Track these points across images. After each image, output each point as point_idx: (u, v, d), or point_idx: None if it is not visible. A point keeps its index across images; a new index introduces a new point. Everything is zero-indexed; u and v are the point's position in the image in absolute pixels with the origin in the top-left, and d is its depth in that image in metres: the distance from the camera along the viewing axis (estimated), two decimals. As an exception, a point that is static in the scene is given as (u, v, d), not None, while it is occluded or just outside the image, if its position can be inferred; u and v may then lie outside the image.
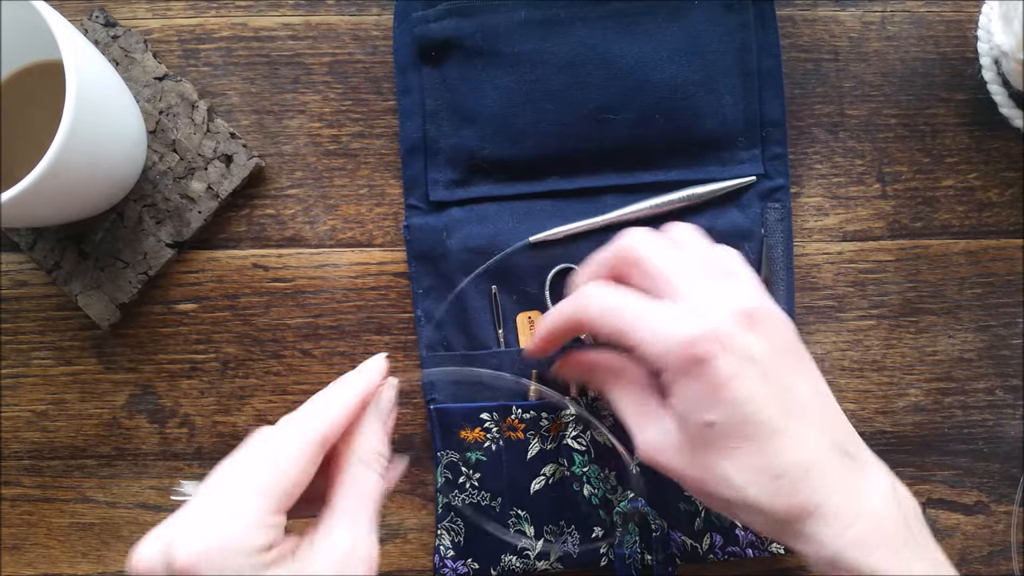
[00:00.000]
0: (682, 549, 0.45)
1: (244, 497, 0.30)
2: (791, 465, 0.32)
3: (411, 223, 0.48)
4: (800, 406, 0.34)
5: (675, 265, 0.35)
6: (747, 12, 0.47)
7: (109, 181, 0.44)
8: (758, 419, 0.33)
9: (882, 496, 0.33)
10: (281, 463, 0.31)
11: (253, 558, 0.29)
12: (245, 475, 0.31)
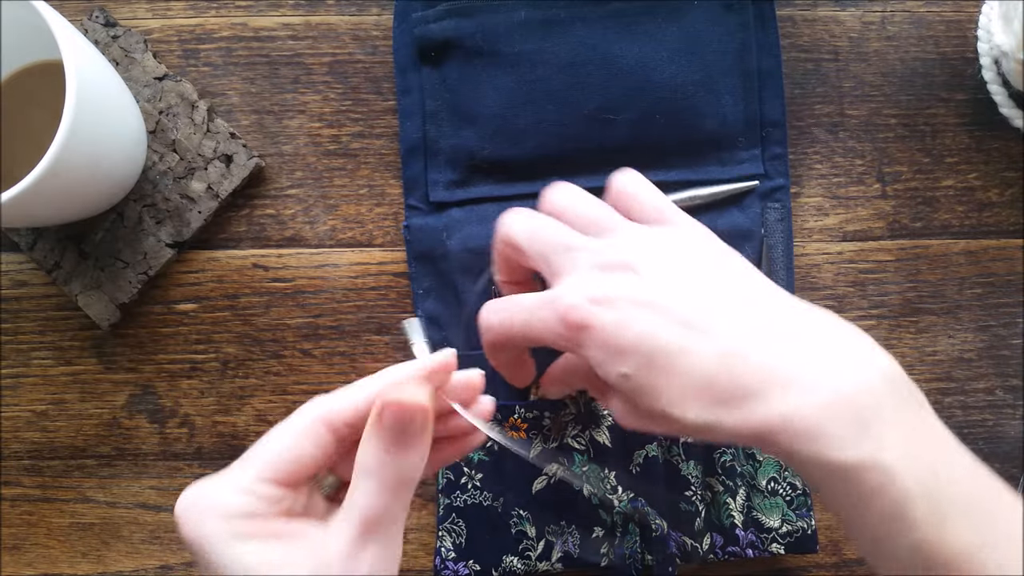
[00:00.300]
0: (682, 549, 0.45)
1: (236, 464, 0.31)
2: (713, 368, 0.31)
3: (411, 223, 0.48)
4: (700, 312, 0.32)
5: (544, 245, 0.36)
6: (747, 12, 0.47)
7: (109, 181, 0.44)
8: (661, 349, 0.32)
9: (836, 366, 0.31)
10: (274, 434, 0.31)
11: (229, 523, 0.29)
12: (255, 447, 0.31)
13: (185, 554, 0.48)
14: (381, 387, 0.32)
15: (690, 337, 0.32)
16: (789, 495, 0.46)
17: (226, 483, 0.30)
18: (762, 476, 0.46)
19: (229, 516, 0.29)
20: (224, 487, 0.30)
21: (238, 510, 0.29)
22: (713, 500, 0.45)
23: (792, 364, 0.31)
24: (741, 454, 0.46)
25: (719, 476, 0.46)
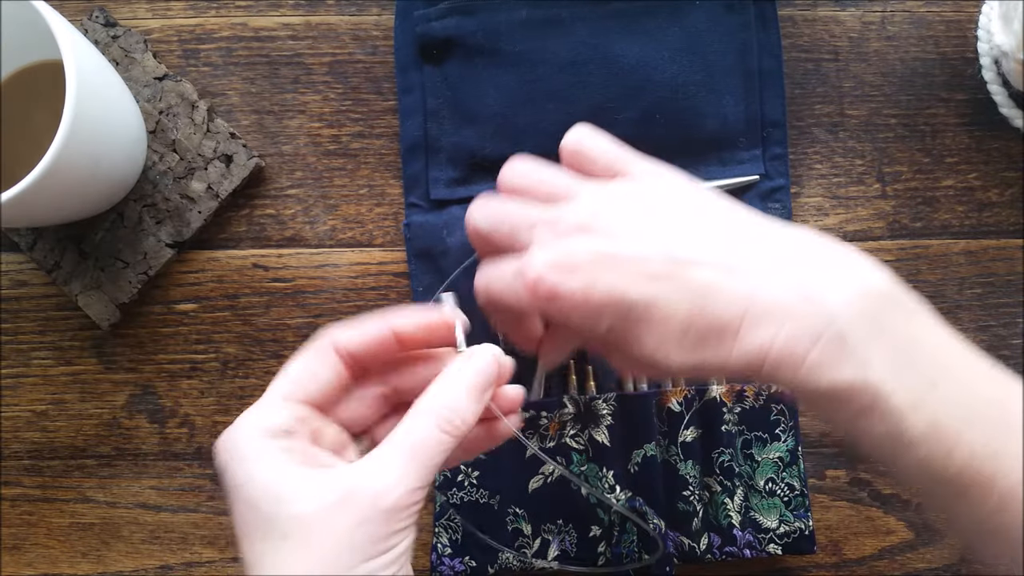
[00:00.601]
0: (680, 549, 0.45)
1: (271, 385, 0.32)
2: (685, 312, 0.31)
3: (411, 221, 0.48)
4: (665, 258, 0.32)
5: (507, 227, 0.35)
6: (748, 12, 0.47)
7: (109, 181, 0.44)
8: (632, 303, 0.31)
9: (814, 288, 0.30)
10: (291, 362, 0.33)
11: (255, 442, 0.30)
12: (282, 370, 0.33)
13: (185, 554, 0.48)
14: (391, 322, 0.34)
15: (658, 285, 0.31)
16: (787, 495, 0.46)
17: (256, 408, 0.31)
18: (760, 476, 0.46)
19: (263, 432, 0.30)
20: (254, 411, 0.31)
21: (271, 426, 0.30)
22: (711, 500, 0.45)
23: (768, 292, 0.30)
24: (740, 455, 0.46)
25: (717, 476, 0.46)
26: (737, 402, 0.46)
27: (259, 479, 0.29)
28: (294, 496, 0.28)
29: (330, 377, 0.32)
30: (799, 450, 0.46)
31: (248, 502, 0.29)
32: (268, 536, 0.28)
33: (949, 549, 0.47)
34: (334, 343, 0.33)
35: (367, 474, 0.29)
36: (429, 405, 0.31)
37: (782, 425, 0.46)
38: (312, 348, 0.33)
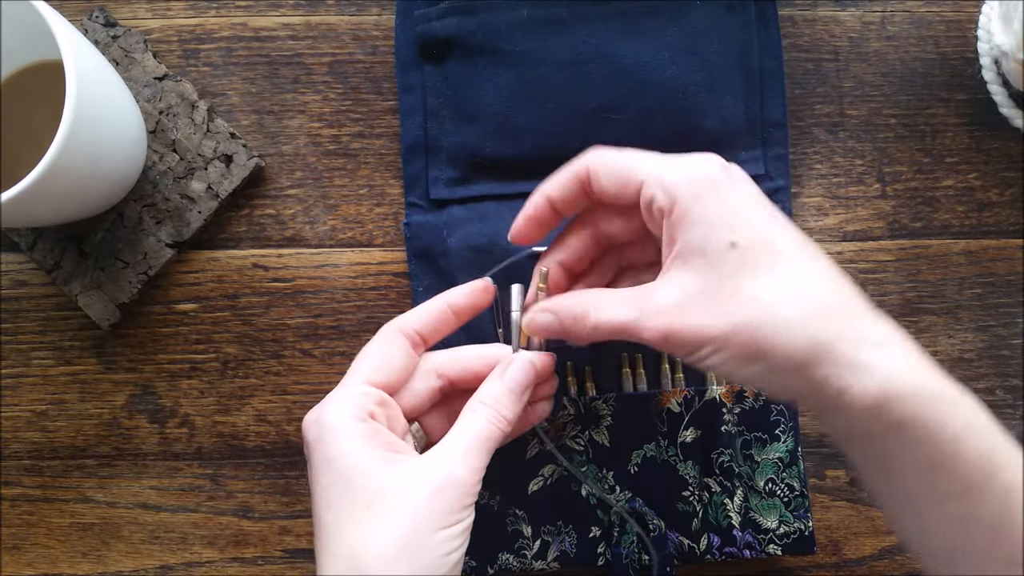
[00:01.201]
0: (679, 549, 0.45)
1: (351, 370, 0.37)
2: (820, 285, 0.32)
3: (411, 221, 0.48)
4: (796, 241, 0.33)
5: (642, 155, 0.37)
6: (749, 13, 0.47)
7: (109, 181, 0.44)
8: (786, 241, 0.32)
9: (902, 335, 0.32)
10: (364, 351, 0.38)
11: (344, 421, 0.34)
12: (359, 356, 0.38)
13: (185, 554, 0.48)
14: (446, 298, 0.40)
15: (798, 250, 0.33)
16: (787, 496, 0.46)
17: (342, 391, 0.35)
18: (760, 477, 0.46)
19: (351, 415, 0.34)
20: (342, 394, 0.35)
21: (357, 410, 0.34)
22: (711, 500, 0.45)
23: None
24: (739, 455, 0.46)
25: (717, 476, 0.46)
26: (737, 402, 0.46)
27: (349, 456, 0.33)
28: (380, 472, 0.33)
29: (402, 361, 0.38)
30: (799, 450, 0.46)
31: (338, 475, 0.33)
32: (354, 506, 0.32)
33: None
34: (400, 328, 0.38)
35: (440, 456, 0.34)
36: (481, 404, 0.37)
37: (782, 425, 0.46)
38: (382, 335, 0.37)
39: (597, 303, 0.35)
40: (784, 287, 0.31)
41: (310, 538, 0.48)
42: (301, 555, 0.48)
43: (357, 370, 0.37)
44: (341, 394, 0.35)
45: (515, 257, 0.44)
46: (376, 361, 0.37)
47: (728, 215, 0.33)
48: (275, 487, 0.48)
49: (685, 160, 0.35)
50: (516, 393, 0.37)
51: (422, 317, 0.39)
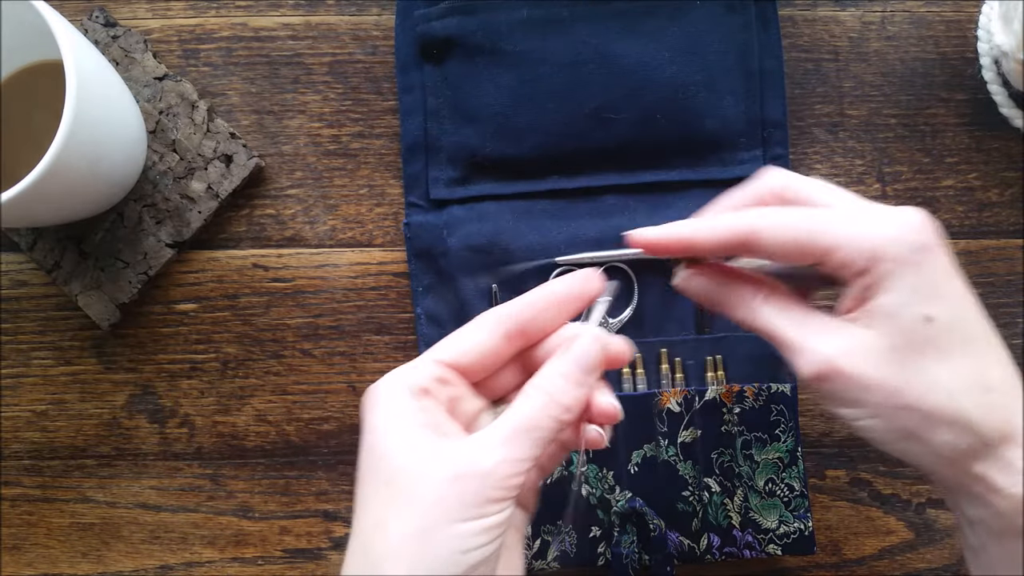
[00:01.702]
0: (679, 549, 0.45)
1: (428, 351, 0.33)
2: (1000, 381, 0.30)
3: (411, 221, 0.48)
4: (985, 327, 0.31)
5: (845, 192, 0.33)
6: (749, 13, 0.47)
7: (109, 181, 0.44)
8: (976, 324, 0.31)
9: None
10: (464, 328, 0.33)
11: (403, 395, 0.31)
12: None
13: (185, 554, 0.48)
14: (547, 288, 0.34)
15: (993, 337, 0.31)
16: (787, 496, 0.46)
17: (407, 364, 0.32)
18: (760, 477, 0.46)
19: (403, 388, 0.31)
20: (405, 366, 0.32)
21: (412, 382, 0.31)
22: (711, 500, 0.45)
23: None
24: (739, 455, 0.46)
25: (717, 476, 0.46)
26: (737, 402, 0.46)
27: (381, 429, 0.31)
28: (407, 451, 0.30)
29: (491, 344, 0.33)
30: (799, 450, 0.46)
31: (368, 448, 0.31)
32: (375, 481, 0.30)
33: (949, 549, 0.47)
34: (498, 315, 0.33)
35: (473, 441, 0.31)
36: (533, 387, 0.32)
37: (782, 425, 0.46)
38: (477, 318, 0.33)
39: (767, 298, 0.33)
40: (967, 378, 0.30)
41: (310, 538, 0.48)
42: (301, 555, 0.48)
43: (440, 345, 0.33)
44: (405, 367, 0.32)
45: (534, 264, 0.42)
46: (456, 339, 0.33)
47: (928, 287, 0.30)
48: (275, 487, 0.48)
49: (888, 219, 0.31)
50: (576, 376, 0.32)
51: (521, 305, 0.33)
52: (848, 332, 0.31)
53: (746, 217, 0.32)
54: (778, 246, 0.31)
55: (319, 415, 0.48)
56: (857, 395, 0.30)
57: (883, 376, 0.30)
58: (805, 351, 0.31)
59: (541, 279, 0.46)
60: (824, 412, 0.48)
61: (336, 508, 0.48)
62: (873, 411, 0.31)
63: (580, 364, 0.32)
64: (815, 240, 0.31)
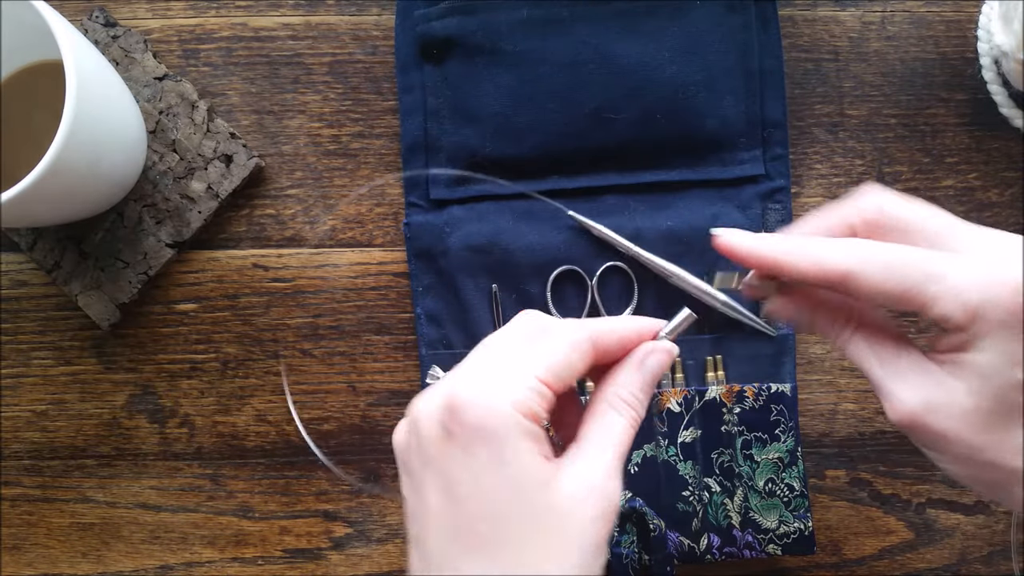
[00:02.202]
0: (679, 549, 0.45)
1: (515, 358, 0.30)
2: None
3: (411, 221, 0.48)
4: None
5: (943, 216, 0.31)
6: (749, 13, 0.47)
7: (109, 181, 0.44)
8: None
9: None
10: (545, 342, 0.31)
11: (519, 416, 0.29)
12: (517, 343, 0.31)
13: (185, 554, 0.48)
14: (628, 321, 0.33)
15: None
16: (787, 496, 0.46)
17: (510, 379, 0.29)
18: (760, 477, 0.46)
19: (524, 414, 0.29)
20: (512, 383, 0.29)
21: (532, 411, 0.29)
22: (711, 500, 0.45)
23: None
24: (739, 455, 0.46)
25: (717, 476, 0.46)
26: (737, 402, 0.46)
27: (525, 463, 0.29)
28: (554, 489, 0.29)
29: (580, 370, 0.32)
30: (799, 450, 0.46)
31: (510, 481, 0.29)
32: (526, 524, 0.29)
33: (949, 549, 0.48)
34: (592, 338, 0.31)
35: (596, 473, 0.30)
36: (624, 403, 0.32)
37: (782, 425, 0.46)
38: (573, 337, 0.31)
39: (857, 330, 0.33)
40: None
41: (310, 538, 0.48)
42: (301, 555, 0.48)
43: (533, 360, 0.30)
44: (512, 382, 0.29)
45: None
46: (560, 363, 0.31)
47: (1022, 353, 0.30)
48: (275, 487, 0.48)
49: (990, 274, 0.29)
50: (650, 390, 0.32)
51: (618, 334, 0.32)
52: (937, 381, 0.31)
53: (839, 254, 0.31)
54: (873, 294, 0.30)
55: (319, 415, 0.48)
56: (942, 447, 0.31)
57: (969, 434, 0.30)
58: (891, 398, 0.31)
59: (542, 278, 0.46)
60: (823, 413, 0.48)
61: (336, 508, 0.48)
62: (952, 459, 0.31)
63: (655, 378, 0.32)
64: (912, 294, 0.30)
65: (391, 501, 0.48)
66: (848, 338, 0.33)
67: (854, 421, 0.48)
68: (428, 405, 0.30)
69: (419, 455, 0.30)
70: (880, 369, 0.32)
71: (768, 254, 0.32)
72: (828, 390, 0.48)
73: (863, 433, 0.48)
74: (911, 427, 0.31)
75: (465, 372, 0.30)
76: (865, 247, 0.31)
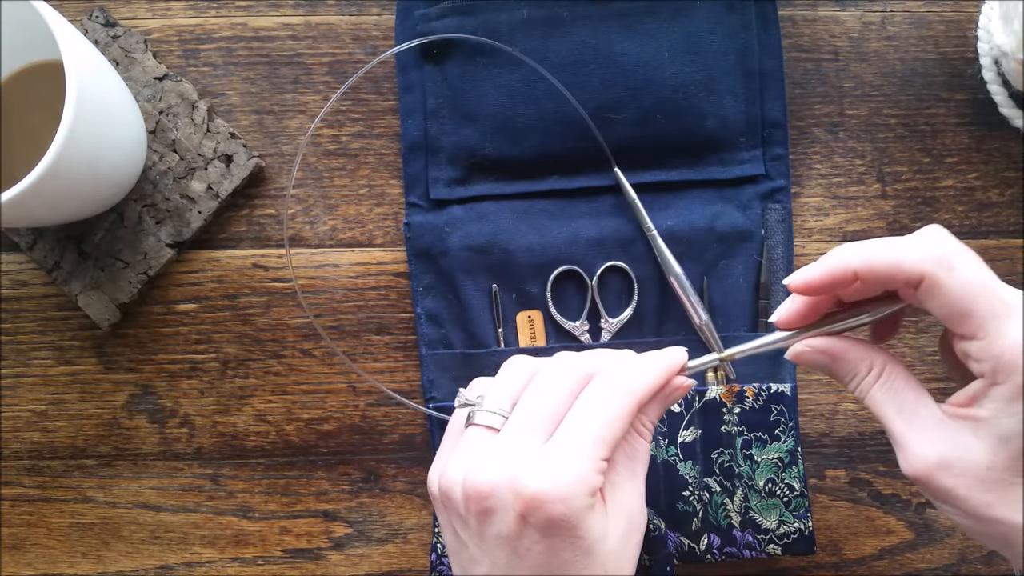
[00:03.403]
0: (679, 549, 0.45)
1: (583, 445, 0.33)
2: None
3: (411, 221, 0.48)
4: None
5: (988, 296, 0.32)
6: (749, 13, 0.47)
7: (109, 181, 0.44)
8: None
9: None
10: (604, 411, 0.34)
11: (588, 498, 0.32)
12: (579, 424, 0.33)
13: (185, 554, 0.48)
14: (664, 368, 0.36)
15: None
16: (787, 496, 0.46)
17: (582, 461, 0.33)
18: (760, 477, 0.46)
19: (587, 492, 0.32)
20: (583, 465, 0.32)
21: (596, 486, 0.33)
22: (711, 500, 0.45)
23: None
24: (739, 455, 0.46)
25: (717, 477, 0.46)
26: (737, 402, 0.46)
27: (593, 529, 0.33)
28: (607, 535, 0.33)
29: (628, 428, 0.35)
30: (799, 450, 0.46)
31: (581, 547, 0.33)
32: (592, 569, 0.33)
33: (949, 549, 0.48)
34: (641, 399, 0.35)
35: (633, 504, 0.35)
36: (642, 428, 0.36)
37: (782, 425, 0.46)
38: (626, 407, 0.34)
39: (878, 377, 0.34)
40: None
41: (310, 538, 0.48)
42: (301, 555, 0.48)
43: (602, 440, 0.33)
44: (583, 470, 0.32)
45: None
46: (616, 436, 0.34)
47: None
48: (275, 487, 0.48)
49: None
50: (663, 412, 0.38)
51: (653, 390, 0.35)
52: (952, 436, 0.32)
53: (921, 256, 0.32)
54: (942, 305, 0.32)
55: (319, 415, 0.48)
56: (952, 501, 0.32)
57: (979, 491, 0.31)
58: (907, 451, 0.32)
59: (542, 278, 0.46)
60: (823, 413, 0.48)
61: (336, 508, 0.48)
62: (964, 513, 0.32)
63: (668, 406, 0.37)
64: (971, 316, 0.31)
65: (390, 501, 0.48)
66: (870, 386, 0.34)
67: (854, 421, 0.48)
68: (495, 485, 0.33)
69: (488, 527, 0.34)
70: (899, 420, 0.33)
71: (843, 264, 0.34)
72: (828, 390, 0.48)
73: (863, 433, 0.48)
74: (925, 481, 0.32)
75: (530, 456, 0.33)
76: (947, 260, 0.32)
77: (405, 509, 0.48)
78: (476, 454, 0.34)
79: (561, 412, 0.34)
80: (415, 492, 0.48)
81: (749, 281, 0.47)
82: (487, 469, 0.33)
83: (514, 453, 0.33)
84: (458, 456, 0.35)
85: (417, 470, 0.48)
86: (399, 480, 0.48)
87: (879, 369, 0.34)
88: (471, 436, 0.35)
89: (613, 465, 0.35)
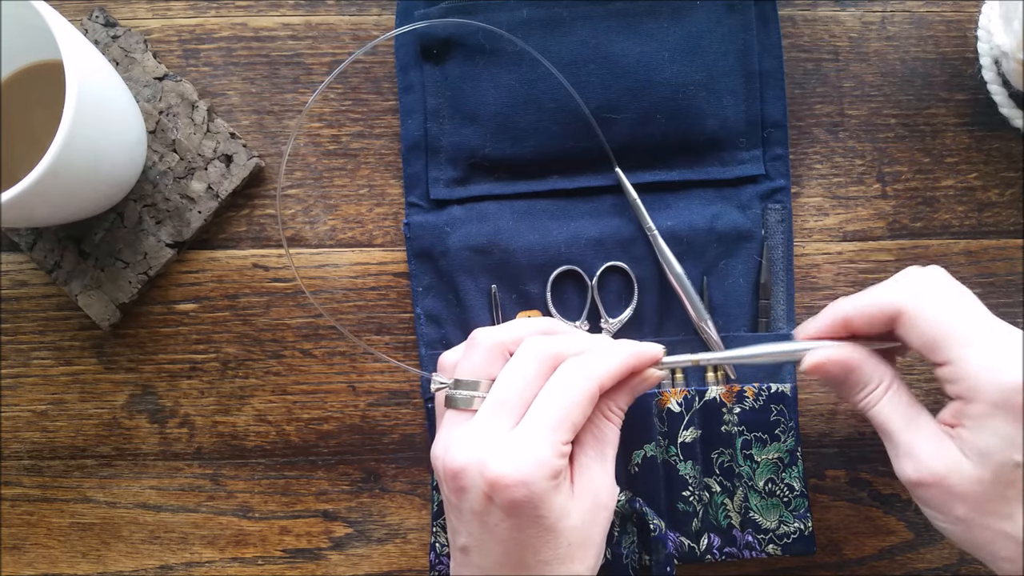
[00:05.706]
0: (679, 549, 0.45)
1: (543, 430, 0.35)
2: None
3: (411, 221, 0.48)
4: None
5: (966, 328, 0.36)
6: (749, 13, 0.47)
7: (109, 181, 0.44)
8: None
9: None
10: (565, 396, 0.36)
11: (549, 481, 0.35)
12: (541, 410, 0.36)
13: (185, 554, 0.48)
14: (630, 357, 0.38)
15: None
16: (787, 496, 0.46)
17: (543, 446, 0.35)
18: (760, 477, 0.46)
19: (549, 476, 0.35)
20: (543, 450, 0.35)
21: (557, 470, 0.35)
22: (711, 500, 0.45)
23: None
24: (739, 455, 0.46)
25: (717, 477, 0.46)
26: (737, 402, 0.46)
27: (555, 508, 0.35)
28: (570, 513, 0.36)
29: (590, 411, 0.37)
30: (799, 450, 0.46)
31: (543, 525, 0.35)
32: (559, 549, 0.35)
33: (949, 549, 0.48)
34: (601, 385, 0.36)
35: (600, 483, 0.37)
36: (610, 412, 0.38)
37: (782, 425, 0.46)
38: (587, 390, 0.36)
39: (888, 389, 0.37)
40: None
41: (310, 538, 0.48)
42: (301, 555, 0.48)
43: (560, 423, 0.35)
44: (543, 453, 0.35)
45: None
46: (578, 420, 0.36)
47: (1019, 434, 0.33)
48: (275, 487, 0.48)
49: (994, 359, 0.34)
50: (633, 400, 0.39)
51: (615, 375, 0.37)
52: (950, 449, 0.35)
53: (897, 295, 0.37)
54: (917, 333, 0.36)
55: (319, 415, 0.48)
56: (949, 506, 0.35)
57: (973, 500, 0.34)
58: (914, 457, 0.36)
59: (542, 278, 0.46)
60: (823, 413, 0.48)
61: (336, 508, 0.48)
62: (955, 520, 0.35)
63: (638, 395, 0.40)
64: (951, 343, 0.35)
65: (390, 501, 0.48)
66: (879, 398, 0.37)
67: (854, 421, 0.48)
68: (466, 464, 0.35)
69: (463, 502, 0.36)
70: (906, 430, 0.36)
71: (840, 317, 0.38)
72: (828, 390, 0.48)
73: (863, 433, 0.48)
74: (929, 485, 0.35)
75: (496, 440, 0.35)
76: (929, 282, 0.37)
77: (405, 509, 0.48)
78: (453, 435, 0.37)
79: (530, 395, 0.36)
80: (415, 492, 0.48)
81: (749, 281, 0.47)
82: (460, 450, 0.36)
83: (483, 437, 0.35)
84: (441, 435, 0.38)
85: (417, 470, 0.48)
86: (399, 480, 0.48)
87: (888, 382, 0.37)
88: (449, 418, 0.38)
89: (582, 447, 0.37)
